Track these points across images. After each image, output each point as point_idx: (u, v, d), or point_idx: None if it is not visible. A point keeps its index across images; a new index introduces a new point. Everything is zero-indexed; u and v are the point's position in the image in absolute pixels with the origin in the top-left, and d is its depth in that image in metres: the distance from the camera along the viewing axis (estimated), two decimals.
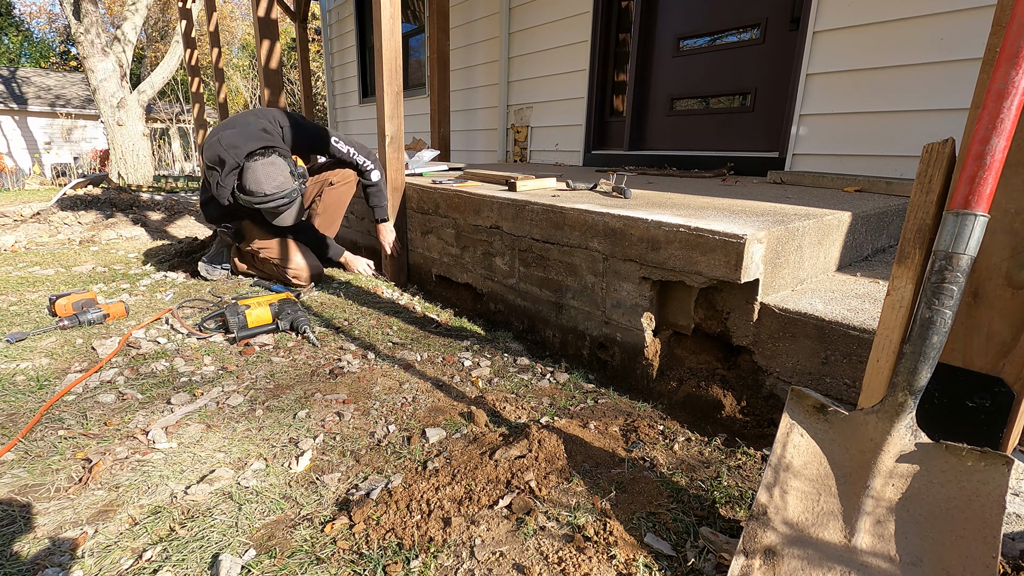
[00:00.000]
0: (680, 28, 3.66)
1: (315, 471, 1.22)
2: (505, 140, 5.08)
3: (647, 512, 1.05)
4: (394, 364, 1.80)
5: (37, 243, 3.71)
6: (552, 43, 4.39)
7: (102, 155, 14.68)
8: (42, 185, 9.46)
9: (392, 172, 2.70)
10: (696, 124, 3.71)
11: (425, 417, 1.46)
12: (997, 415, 0.84)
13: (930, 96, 2.49)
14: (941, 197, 0.80)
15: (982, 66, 0.77)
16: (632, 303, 1.68)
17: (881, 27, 2.60)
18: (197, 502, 1.10)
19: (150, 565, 0.93)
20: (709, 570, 0.92)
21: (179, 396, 1.54)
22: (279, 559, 0.95)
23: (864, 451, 0.84)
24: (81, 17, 7.93)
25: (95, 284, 2.67)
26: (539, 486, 1.12)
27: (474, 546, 0.97)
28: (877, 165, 2.73)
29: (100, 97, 8.51)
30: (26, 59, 24.67)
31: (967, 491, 0.76)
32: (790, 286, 1.56)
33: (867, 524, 0.81)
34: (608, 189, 2.22)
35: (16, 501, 1.10)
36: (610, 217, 1.68)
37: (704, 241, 1.42)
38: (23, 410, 1.45)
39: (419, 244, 2.75)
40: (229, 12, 19.98)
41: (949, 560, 0.74)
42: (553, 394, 1.60)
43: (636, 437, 1.34)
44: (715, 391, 1.55)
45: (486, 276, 2.31)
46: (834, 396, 1.32)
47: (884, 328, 0.86)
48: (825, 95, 2.85)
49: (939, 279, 0.74)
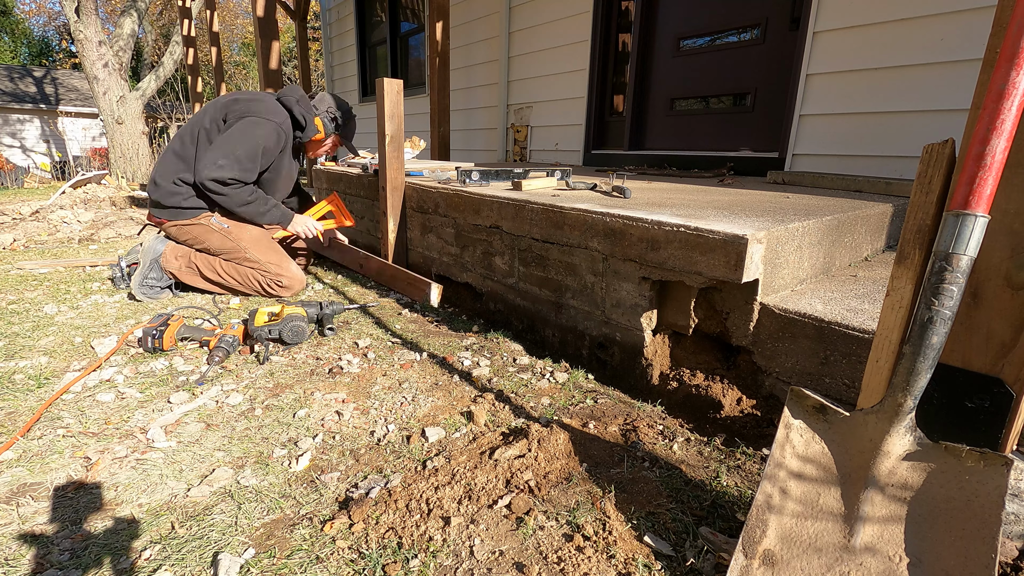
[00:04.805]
0: (680, 28, 3.66)
1: (315, 470, 1.22)
2: (505, 139, 5.08)
3: (646, 512, 1.05)
4: (393, 363, 1.80)
5: (36, 241, 3.70)
6: (552, 43, 4.39)
7: (102, 153, 14.68)
8: (41, 184, 9.45)
9: (392, 172, 2.70)
10: (696, 124, 3.71)
11: (425, 416, 1.46)
12: (996, 416, 0.84)
13: (930, 96, 2.49)
14: (941, 198, 0.80)
15: (982, 66, 0.77)
16: (632, 303, 1.68)
17: (881, 27, 2.60)
18: (196, 501, 1.10)
19: (149, 564, 0.93)
20: (708, 570, 0.92)
21: (178, 395, 1.54)
22: (278, 558, 0.95)
23: (863, 451, 0.84)
24: (81, 15, 7.92)
25: (92, 283, 2.66)
26: (538, 485, 1.12)
27: (473, 545, 0.97)
28: (877, 165, 2.73)
29: (99, 95, 8.50)
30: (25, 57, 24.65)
31: (966, 491, 0.76)
32: (789, 286, 1.56)
33: (866, 524, 0.81)
34: (608, 189, 2.22)
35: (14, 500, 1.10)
36: (610, 217, 1.68)
37: (704, 241, 1.42)
38: (22, 409, 1.45)
39: (419, 243, 2.75)
40: (230, 10, 19.95)
41: (948, 560, 0.75)
42: (553, 394, 1.60)
43: (635, 437, 1.34)
44: (715, 391, 1.55)
45: (486, 275, 2.31)
46: (833, 396, 1.32)
47: (884, 328, 0.86)
48: (825, 95, 2.86)
49: (939, 280, 0.74)
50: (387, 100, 2.58)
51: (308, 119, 2.50)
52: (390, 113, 2.61)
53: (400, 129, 2.67)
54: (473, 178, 2.52)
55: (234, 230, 2.41)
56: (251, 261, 2.41)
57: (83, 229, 4.13)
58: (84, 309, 2.27)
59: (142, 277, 2.39)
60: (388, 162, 2.68)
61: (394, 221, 2.77)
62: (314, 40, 15.58)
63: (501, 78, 4.89)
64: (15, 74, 17.96)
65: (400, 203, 2.77)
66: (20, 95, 16.85)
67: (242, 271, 2.41)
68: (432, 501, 1.07)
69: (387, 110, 2.60)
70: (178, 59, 9.86)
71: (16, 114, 16.54)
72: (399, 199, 2.77)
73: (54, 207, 4.86)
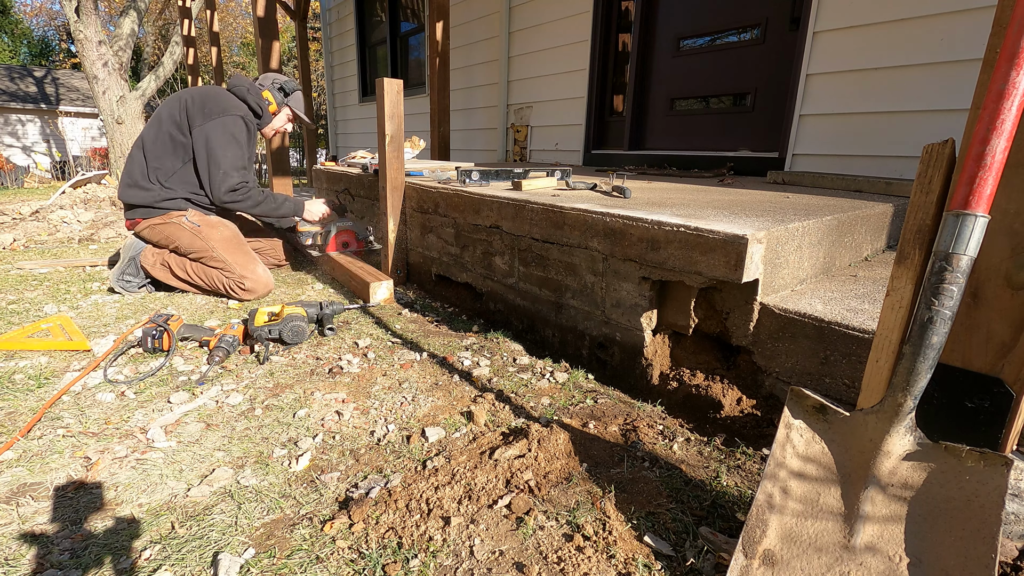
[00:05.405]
0: (680, 28, 3.66)
1: (315, 470, 1.22)
2: (505, 139, 5.08)
3: (646, 512, 1.05)
4: (393, 363, 1.80)
5: (36, 241, 3.70)
6: (552, 42, 4.39)
7: (102, 153, 14.67)
8: (41, 183, 9.45)
9: (392, 172, 2.70)
10: (696, 124, 3.71)
11: (425, 416, 1.46)
12: (996, 416, 0.84)
13: (930, 96, 2.49)
14: (941, 198, 0.80)
15: (982, 66, 0.77)
16: (632, 303, 1.68)
17: (881, 27, 2.60)
18: (196, 501, 1.10)
19: (149, 564, 0.93)
20: (708, 570, 0.92)
21: (178, 395, 1.54)
22: (278, 558, 0.95)
23: (863, 451, 0.84)
24: (81, 15, 7.92)
25: (92, 283, 2.66)
26: (538, 485, 1.12)
27: (473, 545, 0.97)
28: (877, 165, 2.73)
29: (99, 95, 8.50)
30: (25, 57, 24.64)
31: (966, 491, 0.76)
32: (789, 286, 1.56)
33: (866, 524, 0.81)
34: (608, 189, 2.22)
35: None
36: (610, 217, 1.68)
37: (704, 241, 1.42)
38: (22, 409, 1.45)
39: (419, 243, 2.75)
40: (230, 10, 19.95)
41: (949, 560, 0.75)
42: (553, 393, 1.60)
43: (635, 437, 1.34)
44: (715, 391, 1.55)
45: (486, 275, 2.31)
46: (833, 396, 1.32)
47: (884, 328, 0.86)
48: (825, 95, 2.86)
49: (939, 280, 0.74)
50: (387, 100, 2.58)
51: (262, 104, 2.62)
52: (390, 113, 2.61)
53: (400, 129, 2.66)
54: (473, 178, 2.52)
55: (204, 229, 2.43)
56: (218, 261, 2.42)
57: (83, 229, 4.13)
58: (84, 309, 2.27)
59: (120, 271, 2.47)
60: (388, 162, 2.68)
61: (394, 221, 2.77)
62: (314, 40, 15.58)
63: (501, 78, 4.89)
64: (15, 74, 17.96)
65: (400, 203, 2.77)
66: (20, 95, 16.84)
67: (208, 272, 2.44)
68: (432, 501, 1.07)
69: (387, 110, 2.60)
70: (178, 59, 9.85)
71: (16, 114, 16.54)
72: (399, 199, 2.76)
73: (54, 207, 4.86)
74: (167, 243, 2.45)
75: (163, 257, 2.47)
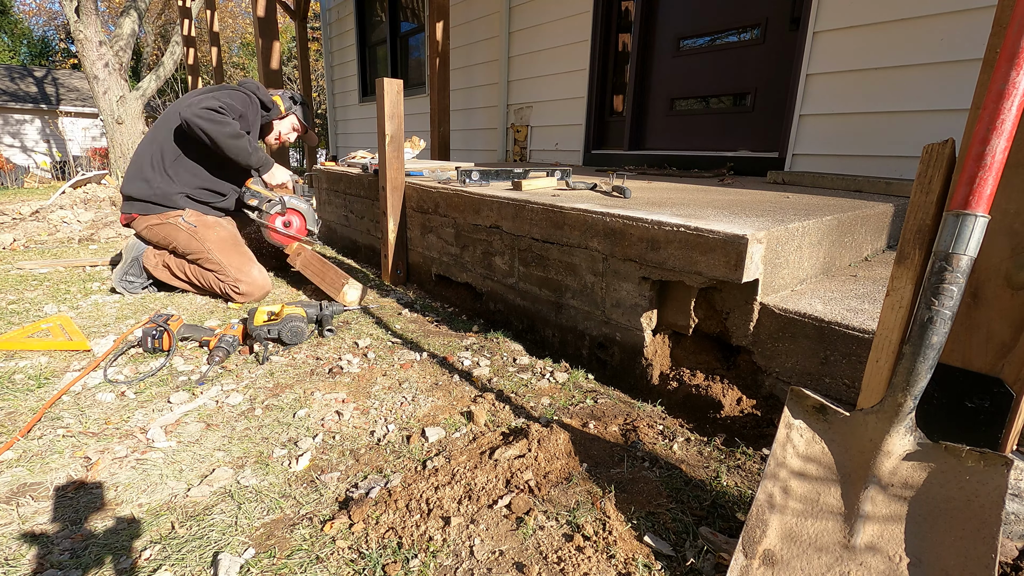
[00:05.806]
0: (680, 28, 3.66)
1: (315, 470, 1.22)
2: (505, 139, 5.08)
3: (646, 512, 1.05)
4: (393, 363, 1.80)
5: (36, 241, 3.70)
6: (552, 43, 4.39)
7: (102, 153, 14.67)
8: (41, 183, 9.45)
9: (392, 172, 2.70)
10: (696, 124, 3.71)
11: (425, 416, 1.46)
12: (996, 416, 0.84)
13: (930, 96, 2.49)
14: (941, 198, 0.80)
15: (982, 66, 0.77)
16: (632, 303, 1.68)
17: (881, 27, 2.60)
18: (196, 501, 1.10)
19: (149, 564, 0.93)
20: (708, 570, 0.92)
21: (178, 395, 1.54)
22: (278, 558, 0.95)
23: (863, 451, 0.84)
24: (81, 15, 7.92)
25: (92, 283, 2.66)
26: (538, 485, 1.12)
27: (473, 545, 0.97)
28: (877, 165, 2.73)
29: (99, 95, 8.50)
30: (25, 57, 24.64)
31: (966, 491, 0.76)
32: (789, 286, 1.56)
33: (866, 524, 0.81)
34: (608, 189, 2.22)
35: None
36: (610, 217, 1.68)
37: (704, 241, 1.42)
38: (22, 409, 1.45)
39: (419, 243, 2.75)
40: (229, 10, 19.95)
41: (949, 560, 0.75)
42: (553, 393, 1.60)
43: (635, 437, 1.34)
44: (715, 391, 1.55)
45: (486, 275, 2.31)
46: (833, 396, 1.32)
47: (884, 328, 0.86)
48: (825, 95, 2.86)
49: (939, 280, 0.74)
50: (387, 100, 2.58)
51: (270, 102, 2.69)
52: (390, 113, 2.61)
53: (400, 129, 2.67)
54: (473, 178, 2.52)
55: (200, 230, 2.41)
56: (213, 263, 2.40)
57: (83, 229, 4.13)
58: (84, 309, 2.27)
59: (123, 272, 2.48)
60: (388, 162, 2.68)
61: (394, 221, 2.77)
62: (314, 40, 15.57)
63: (501, 78, 4.89)
64: (15, 74, 17.96)
65: (400, 203, 2.77)
66: (20, 95, 16.84)
67: (204, 275, 2.43)
68: (432, 501, 1.07)
69: (387, 110, 2.60)
70: (178, 59, 9.85)
71: (16, 114, 16.53)
72: (399, 199, 2.77)
73: (54, 207, 4.86)
74: (165, 244, 2.45)
75: (163, 258, 2.48)
